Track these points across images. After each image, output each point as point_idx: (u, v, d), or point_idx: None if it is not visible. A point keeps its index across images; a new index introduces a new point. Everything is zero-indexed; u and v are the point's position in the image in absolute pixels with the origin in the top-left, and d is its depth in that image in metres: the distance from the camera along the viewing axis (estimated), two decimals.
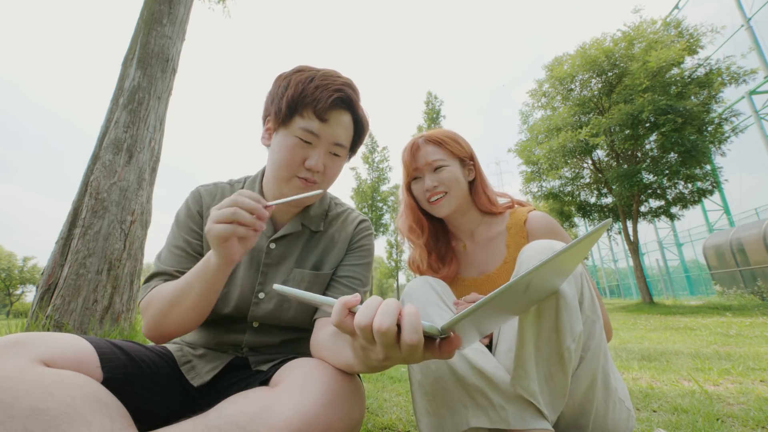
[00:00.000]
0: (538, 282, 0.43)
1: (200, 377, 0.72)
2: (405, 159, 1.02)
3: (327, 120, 0.74)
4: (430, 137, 1.02)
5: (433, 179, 0.98)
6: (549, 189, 11.44)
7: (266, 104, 0.80)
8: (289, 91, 0.73)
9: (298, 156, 0.75)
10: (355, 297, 0.43)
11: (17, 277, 39.91)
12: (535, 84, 11.45)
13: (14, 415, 0.41)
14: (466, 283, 1.01)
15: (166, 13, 3.36)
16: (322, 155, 0.76)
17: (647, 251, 18.97)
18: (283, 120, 0.74)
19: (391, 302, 0.41)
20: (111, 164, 2.77)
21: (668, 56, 8.53)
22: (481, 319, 0.41)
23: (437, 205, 0.98)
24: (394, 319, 0.39)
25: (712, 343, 2.89)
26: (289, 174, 0.76)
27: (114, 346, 0.62)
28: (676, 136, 8.39)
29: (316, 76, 0.74)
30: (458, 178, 0.99)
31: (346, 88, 0.75)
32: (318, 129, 0.74)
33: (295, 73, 0.76)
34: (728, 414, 1.20)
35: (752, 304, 7.20)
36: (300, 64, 0.79)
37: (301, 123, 0.73)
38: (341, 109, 0.76)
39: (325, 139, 0.75)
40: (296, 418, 0.49)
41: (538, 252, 0.65)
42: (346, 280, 0.83)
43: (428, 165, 0.99)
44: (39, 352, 0.49)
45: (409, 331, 0.38)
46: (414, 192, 1.04)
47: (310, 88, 0.73)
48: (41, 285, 2.59)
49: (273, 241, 0.83)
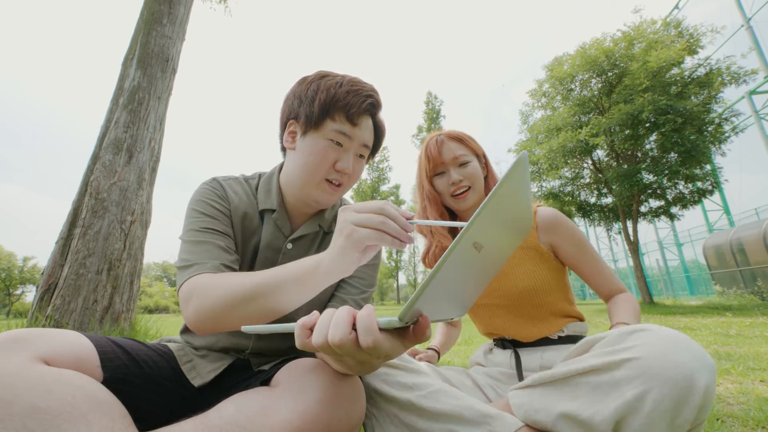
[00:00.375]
0: (487, 237, 0.42)
1: (201, 377, 0.72)
2: (431, 153, 1.03)
3: (358, 124, 0.76)
4: (451, 134, 1.05)
5: (458, 173, 1.00)
6: (549, 189, 11.44)
7: (290, 106, 0.80)
8: (321, 95, 0.74)
9: (330, 158, 0.76)
10: (312, 316, 0.42)
11: (17, 277, 39.92)
12: (535, 84, 11.46)
13: (14, 413, 0.41)
14: None
15: (166, 13, 3.36)
16: (351, 157, 0.78)
17: (647, 251, 18.98)
18: (315, 123, 0.75)
19: (342, 312, 0.40)
20: (111, 164, 2.78)
21: (668, 56, 8.54)
22: (443, 291, 0.40)
23: (462, 198, 1.00)
24: (345, 330, 0.38)
25: (712, 343, 2.89)
26: (320, 177, 0.77)
27: (115, 345, 0.62)
28: (676, 136, 8.39)
29: (344, 81, 0.76)
30: (479, 174, 1.02)
31: (375, 94, 0.78)
32: (350, 131, 0.76)
33: (322, 78, 0.77)
34: (728, 414, 1.20)
35: (752, 304, 7.20)
36: (321, 70, 0.81)
37: (334, 126, 0.75)
38: (368, 114, 0.79)
39: (355, 141, 0.77)
40: (296, 417, 0.49)
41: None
42: (353, 280, 0.83)
43: (455, 159, 1.01)
44: (39, 350, 0.49)
45: (363, 334, 0.38)
46: (437, 186, 1.04)
47: (341, 92, 0.74)
48: (41, 285, 2.59)
49: (290, 241, 0.82)
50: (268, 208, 0.81)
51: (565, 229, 0.95)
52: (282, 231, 0.82)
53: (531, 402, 0.60)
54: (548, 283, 0.94)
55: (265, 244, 0.80)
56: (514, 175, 0.39)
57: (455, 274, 0.40)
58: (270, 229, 0.81)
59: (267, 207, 0.81)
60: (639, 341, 0.51)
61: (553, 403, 0.57)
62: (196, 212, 0.75)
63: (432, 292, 0.37)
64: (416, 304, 0.37)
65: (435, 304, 0.42)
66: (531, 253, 0.96)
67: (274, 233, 0.81)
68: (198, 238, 0.71)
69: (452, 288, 0.43)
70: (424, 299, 0.37)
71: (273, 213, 0.82)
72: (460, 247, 0.36)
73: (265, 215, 0.82)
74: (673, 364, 0.47)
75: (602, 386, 0.51)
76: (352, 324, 0.39)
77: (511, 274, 0.96)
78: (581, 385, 0.54)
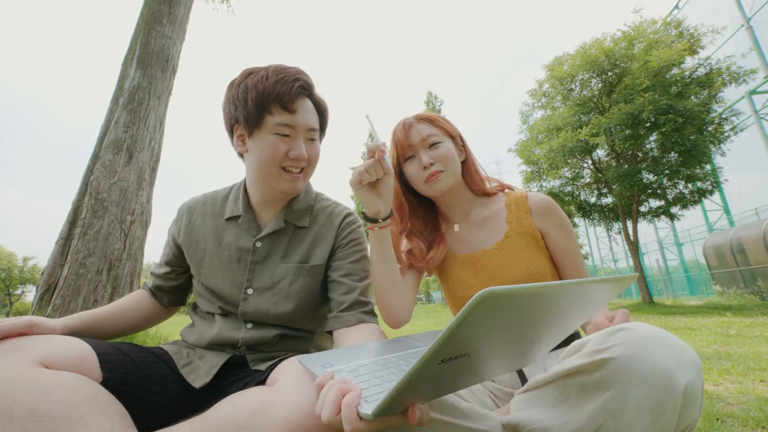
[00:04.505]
0: (475, 346, 0.36)
1: (200, 378, 0.72)
2: (398, 137, 0.96)
3: (295, 110, 0.78)
4: (420, 116, 0.98)
5: (428, 156, 0.93)
6: (549, 189, 11.42)
7: (229, 113, 0.82)
8: (251, 94, 0.75)
9: (281, 150, 0.78)
10: (326, 376, 0.44)
11: (17, 277, 39.89)
12: (535, 84, 11.45)
13: (14, 417, 0.41)
14: (459, 260, 0.98)
15: (166, 13, 3.36)
16: (301, 143, 0.80)
17: (647, 251, 18.97)
18: (255, 122, 0.77)
19: (332, 393, 0.41)
20: (111, 164, 2.77)
21: (669, 56, 8.53)
22: (423, 388, 0.38)
23: (435, 180, 0.93)
24: (332, 412, 0.40)
25: (712, 343, 2.89)
26: (276, 169, 0.80)
27: (113, 348, 0.62)
28: (677, 135, 8.38)
29: (269, 73, 0.77)
30: (453, 155, 0.95)
31: (302, 75, 0.80)
32: (290, 120, 0.78)
33: (248, 76, 0.78)
34: (728, 414, 1.20)
35: (752, 304, 7.19)
36: (245, 68, 0.82)
37: (273, 120, 0.77)
38: (303, 96, 0.80)
39: (299, 128, 0.79)
40: (294, 415, 0.49)
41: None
42: (346, 278, 0.84)
43: (423, 141, 0.94)
44: (38, 354, 0.49)
45: (345, 423, 0.39)
46: (408, 172, 0.98)
47: (269, 85, 0.75)
48: (41, 285, 2.59)
49: (258, 240, 0.85)
50: (233, 215, 0.88)
51: (557, 215, 0.93)
52: (249, 232, 0.87)
53: (530, 414, 0.58)
54: (546, 270, 0.91)
55: (235, 247, 0.85)
56: (472, 315, 0.30)
57: (443, 374, 0.38)
58: (238, 233, 0.87)
59: (232, 215, 0.88)
60: (619, 341, 0.49)
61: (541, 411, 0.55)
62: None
63: (412, 389, 0.36)
64: (388, 406, 0.36)
65: (433, 388, 0.40)
66: (528, 239, 0.92)
67: (242, 236, 0.86)
68: None
69: (454, 377, 0.40)
70: (405, 394, 0.36)
71: (239, 219, 0.87)
72: (425, 367, 0.34)
73: (232, 222, 0.88)
74: (649, 363, 0.45)
75: (585, 387, 0.50)
76: (338, 406, 0.40)
77: (507, 261, 0.92)
78: (569, 387, 0.53)
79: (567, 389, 0.53)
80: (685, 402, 0.44)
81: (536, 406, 0.57)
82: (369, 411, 0.38)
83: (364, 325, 0.77)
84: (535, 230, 0.92)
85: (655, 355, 0.46)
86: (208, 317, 0.87)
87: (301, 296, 0.83)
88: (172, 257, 0.93)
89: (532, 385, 0.60)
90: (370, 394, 0.42)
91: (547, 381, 0.57)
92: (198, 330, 0.85)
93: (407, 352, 0.59)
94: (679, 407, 0.44)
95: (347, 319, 0.78)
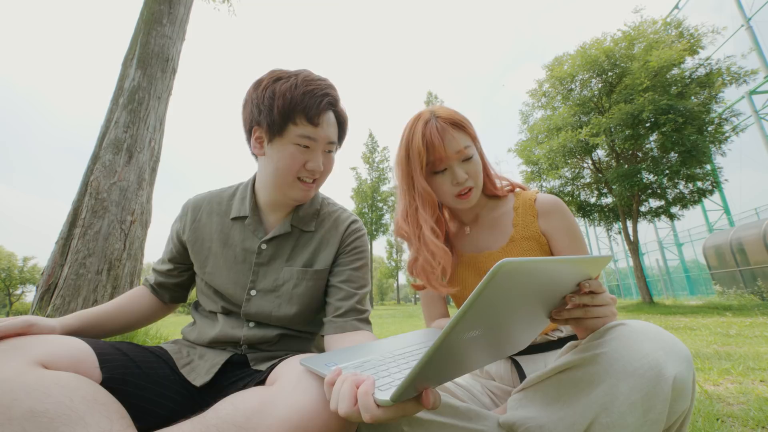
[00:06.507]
0: (487, 322, 0.39)
1: (201, 377, 0.72)
2: (433, 143, 0.82)
3: (319, 124, 0.77)
4: (452, 120, 0.85)
5: (463, 170, 0.83)
6: (549, 189, 11.42)
7: (251, 114, 0.80)
8: (278, 102, 0.75)
9: (299, 161, 0.79)
10: (334, 374, 0.45)
11: (17, 277, 39.88)
12: (535, 84, 11.45)
13: (13, 417, 0.41)
14: (463, 259, 0.95)
15: (166, 13, 3.36)
16: (319, 156, 0.80)
17: (647, 251, 18.96)
18: (277, 130, 0.76)
19: (346, 386, 0.41)
20: (111, 164, 2.77)
21: (669, 56, 8.53)
22: (438, 369, 0.39)
23: (466, 199, 0.85)
24: (349, 404, 0.40)
25: (712, 343, 2.89)
26: (292, 178, 0.80)
27: (112, 347, 0.62)
28: (677, 135, 8.37)
29: (299, 82, 0.76)
30: (481, 167, 0.88)
31: (331, 90, 0.79)
32: (313, 133, 0.77)
33: (276, 81, 0.77)
34: (728, 414, 1.20)
35: (752, 304, 7.19)
36: (273, 70, 0.81)
37: (296, 131, 0.76)
38: (328, 110, 0.80)
39: (320, 140, 0.79)
40: (294, 415, 0.49)
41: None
42: (345, 284, 0.85)
43: (459, 154, 0.83)
44: (37, 354, 0.49)
45: (363, 411, 0.39)
46: (435, 184, 0.86)
47: (297, 95, 0.75)
48: (41, 285, 2.59)
49: (264, 242, 0.85)
50: (240, 215, 0.87)
51: (564, 218, 0.88)
52: (255, 234, 0.86)
53: (526, 412, 0.59)
54: None
55: (240, 248, 0.85)
56: (492, 285, 0.34)
57: (457, 353, 0.39)
58: (244, 234, 0.87)
59: (239, 215, 0.87)
60: (612, 336, 0.50)
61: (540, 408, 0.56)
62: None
63: (427, 370, 0.37)
64: (405, 390, 0.37)
65: (439, 376, 0.41)
66: (532, 243, 0.88)
67: (248, 237, 0.86)
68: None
69: (447, 364, 0.41)
70: (421, 378, 0.37)
71: (245, 219, 0.87)
72: (444, 345, 0.35)
73: (238, 222, 0.88)
74: (638, 356, 0.46)
75: (579, 383, 0.51)
76: (354, 397, 0.41)
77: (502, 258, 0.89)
78: (563, 384, 0.54)
79: (561, 385, 0.54)
80: (675, 394, 0.45)
81: (532, 404, 0.58)
82: (386, 397, 0.39)
83: (358, 332, 0.77)
84: (540, 235, 0.88)
85: (644, 348, 0.47)
86: (211, 316, 0.87)
87: (304, 300, 0.83)
88: (176, 254, 0.92)
89: (527, 384, 0.60)
90: (380, 384, 0.43)
91: (542, 378, 0.57)
92: (199, 328, 0.85)
93: (407, 348, 0.60)
94: (668, 399, 0.45)
95: (342, 325, 0.78)
